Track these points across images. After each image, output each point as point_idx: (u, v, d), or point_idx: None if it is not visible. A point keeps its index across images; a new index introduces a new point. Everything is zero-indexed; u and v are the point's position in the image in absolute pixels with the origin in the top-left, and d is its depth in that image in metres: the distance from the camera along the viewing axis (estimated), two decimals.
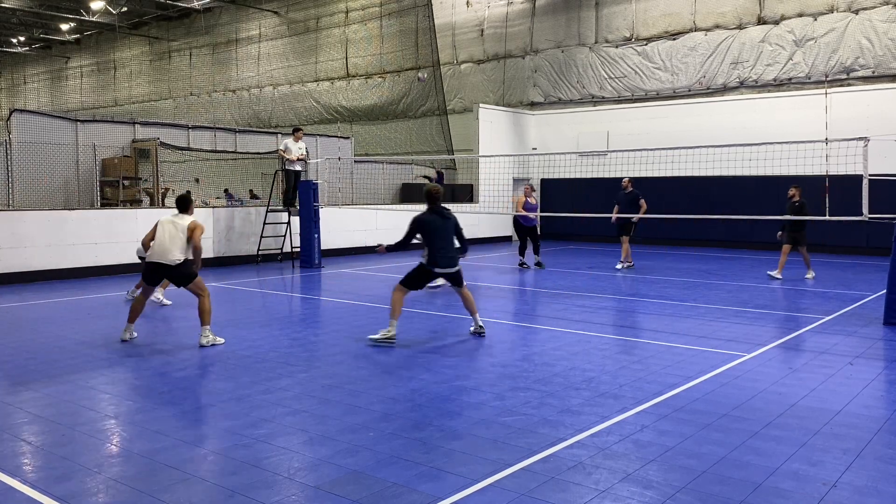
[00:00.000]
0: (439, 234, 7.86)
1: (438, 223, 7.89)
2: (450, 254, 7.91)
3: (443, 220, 7.90)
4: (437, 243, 7.85)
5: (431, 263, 7.86)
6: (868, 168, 9.71)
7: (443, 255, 7.85)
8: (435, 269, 7.90)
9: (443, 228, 7.88)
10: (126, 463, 4.53)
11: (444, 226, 7.90)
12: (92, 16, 35.34)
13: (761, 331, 8.85)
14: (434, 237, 7.86)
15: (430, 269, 7.90)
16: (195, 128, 18.65)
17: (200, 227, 8.02)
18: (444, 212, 7.95)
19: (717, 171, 16.92)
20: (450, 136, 24.22)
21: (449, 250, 7.90)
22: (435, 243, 7.84)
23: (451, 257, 7.92)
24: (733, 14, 20.42)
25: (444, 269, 7.92)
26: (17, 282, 12.91)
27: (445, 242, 7.88)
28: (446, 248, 7.88)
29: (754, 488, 4.09)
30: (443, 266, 7.89)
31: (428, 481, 4.18)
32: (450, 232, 7.94)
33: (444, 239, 7.88)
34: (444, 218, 7.91)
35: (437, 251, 7.84)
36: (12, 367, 6.96)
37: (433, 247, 7.84)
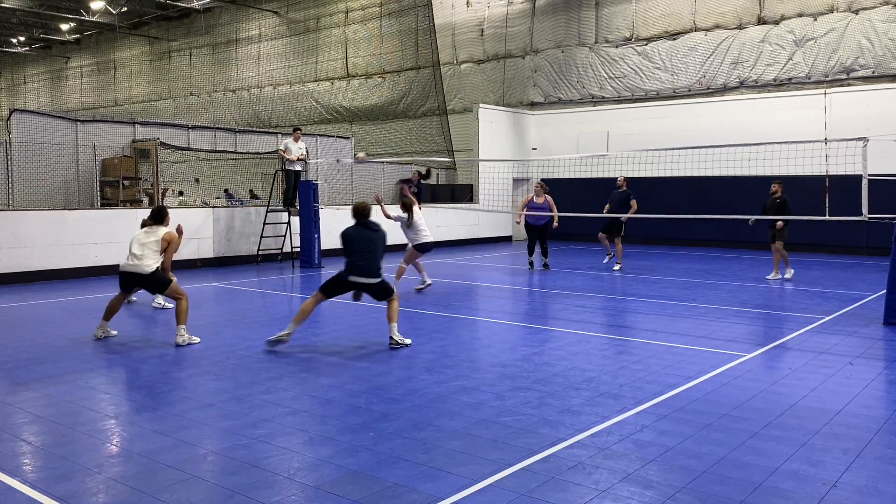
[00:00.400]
0: (362, 245, 7.84)
1: (363, 234, 7.90)
2: (369, 264, 7.82)
3: (368, 232, 7.92)
4: (357, 253, 7.83)
5: (346, 271, 7.82)
6: (868, 168, 9.72)
7: (360, 265, 7.79)
8: (349, 277, 7.81)
9: (367, 239, 7.87)
10: (126, 463, 4.53)
11: (369, 237, 7.89)
12: (92, 16, 35.34)
13: (761, 331, 8.85)
14: (355, 247, 7.85)
15: (346, 277, 7.81)
16: (195, 128, 18.66)
17: (176, 240, 8.13)
18: (371, 225, 7.98)
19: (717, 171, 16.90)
20: (450, 136, 24.22)
21: (369, 261, 7.82)
22: (355, 253, 7.83)
23: (369, 267, 7.82)
24: (733, 14, 20.42)
25: (359, 278, 7.79)
26: (17, 282, 12.91)
27: (366, 253, 7.82)
28: (367, 259, 7.81)
29: (754, 488, 4.09)
30: (356, 274, 7.78)
31: (428, 481, 4.18)
32: (375, 244, 7.89)
33: (366, 250, 7.82)
34: (372, 230, 7.93)
35: (356, 261, 7.81)
36: (12, 367, 6.96)
37: (353, 256, 7.83)
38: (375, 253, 7.86)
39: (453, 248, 20.67)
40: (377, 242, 7.88)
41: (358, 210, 8.07)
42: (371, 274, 7.83)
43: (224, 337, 8.32)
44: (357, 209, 8.07)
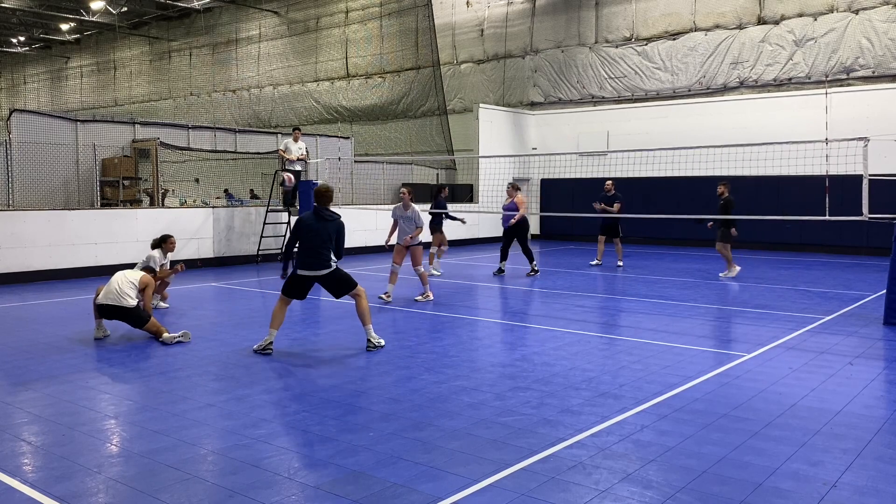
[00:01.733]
0: (305, 235, 7.43)
1: (310, 224, 7.44)
2: (315, 256, 7.40)
3: (319, 222, 7.44)
4: (301, 244, 7.46)
5: (295, 266, 7.53)
6: (868, 168, 9.72)
7: (305, 258, 7.43)
8: (298, 272, 7.49)
9: (311, 229, 7.42)
10: (126, 463, 4.53)
11: (315, 228, 7.42)
12: (92, 16, 35.35)
13: (761, 331, 8.85)
14: (301, 238, 7.48)
15: (295, 272, 7.51)
16: (195, 128, 18.65)
17: (151, 285, 8.41)
18: (325, 213, 7.49)
19: (717, 171, 16.92)
20: (450, 136, 24.23)
21: (316, 252, 7.40)
22: (300, 245, 7.48)
23: (314, 260, 7.41)
24: (733, 14, 20.42)
25: (305, 272, 7.45)
26: (17, 282, 12.91)
27: (312, 244, 7.39)
28: (312, 250, 7.40)
29: (754, 488, 4.09)
30: (303, 268, 7.46)
31: (428, 481, 4.18)
32: (321, 234, 7.41)
33: (310, 241, 7.40)
34: (324, 219, 7.46)
35: (300, 253, 7.47)
36: (12, 367, 6.96)
37: (299, 248, 7.50)
38: (322, 244, 7.41)
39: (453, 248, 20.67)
40: (324, 233, 7.41)
41: (318, 194, 7.61)
42: (316, 266, 7.44)
43: (224, 337, 8.31)
44: (317, 192, 7.62)
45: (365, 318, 7.63)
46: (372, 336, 7.64)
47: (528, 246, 14.09)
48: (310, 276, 7.48)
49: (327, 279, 7.56)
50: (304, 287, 7.60)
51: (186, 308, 10.46)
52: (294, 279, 7.57)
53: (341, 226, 7.54)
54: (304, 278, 7.51)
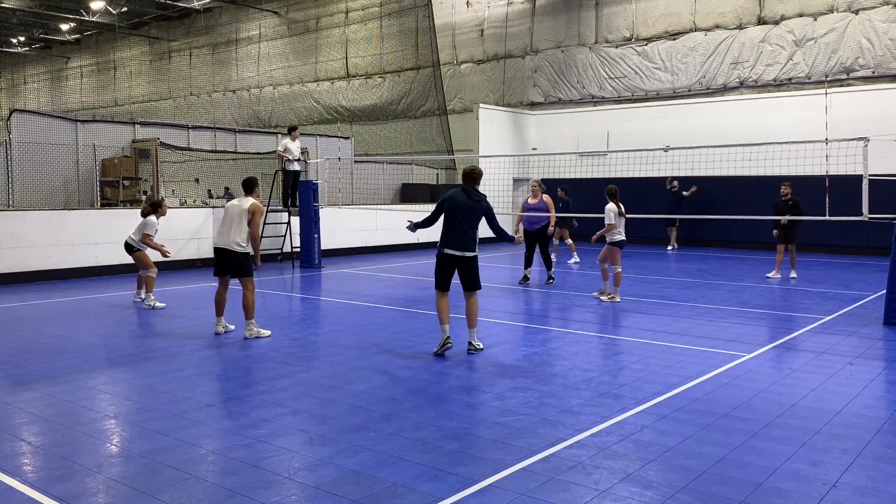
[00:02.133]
0: (457, 214, 7.38)
1: (461, 202, 7.40)
2: (463, 237, 7.37)
3: (468, 202, 7.41)
4: (450, 223, 7.41)
5: (441, 244, 7.45)
6: (868, 168, 9.72)
7: (453, 235, 7.37)
8: (444, 250, 7.41)
9: (464, 209, 7.38)
10: (126, 463, 4.53)
11: (468, 206, 7.40)
12: (92, 16, 35.34)
13: (761, 331, 8.85)
14: (449, 216, 7.44)
15: (440, 249, 7.45)
16: (195, 128, 18.65)
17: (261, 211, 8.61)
18: (472, 193, 7.48)
19: (717, 171, 16.92)
20: (450, 136, 24.22)
21: (463, 233, 7.37)
22: (448, 222, 7.43)
23: (463, 240, 7.36)
24: (733, 14, 20.42)
25: (453, 251, 7.37)
26: (17, 282, 12.90)
27: (460, 223, 7.36)
28: (461, 230, 7.37)
29: (754, 488, 4.09)
30: (451, 247, 7.38)
31: (428, 481, 4.18)
32: (471, 215, 7.41)
33: (459, 220, 7.37)
34: (472, 199, 7.43)
35: (449, 231, 7.41)
36: (12, 367, 6.96)
37: (446, 226, 7.45)
38: (470, 225, 7.44)
39: None
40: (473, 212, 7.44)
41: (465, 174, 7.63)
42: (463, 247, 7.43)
43: (224, 337, 8.31)
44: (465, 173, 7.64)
45: (473, 320, 7.52)
46: (474, 339, 7.51)
47: (549, 251, 13.20)
48: (453, 255, 7.38)
49: (467, 263, 7.44)
50: (448, 270, 7.46)
51: (186, 308, 10.45)
52: (441, 261, 7.46)
53: (489, 207, 7.60)
54: (447, 257, 7.41)
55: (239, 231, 8.22)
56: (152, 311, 10.15)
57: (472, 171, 7.62)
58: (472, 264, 7.44)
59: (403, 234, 20.02)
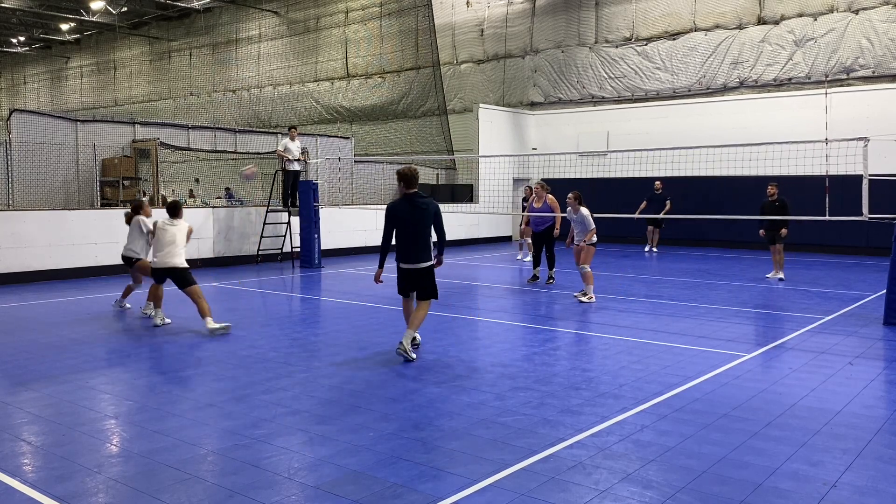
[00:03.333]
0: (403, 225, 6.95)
1: (403, 213, 6.92)
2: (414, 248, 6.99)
3: (410, 209, 6.91)
4: (398, 236, 7.01)
5: (396, 258, 7.08)
6: (868, 168, 9.72)
7: (404, 249, 7.02)
8: (400, 264, 7.08)
9: (408, 219, 6.93)
10: (126, 463, 4.53)
11: (411, 215, 6.92)
12: (92, 16, 35.34)
13: (761, 331, 8.85)
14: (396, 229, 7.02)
15: (397, 263, 7.09)
16: (195, 128, 18.65)
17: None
18: (414, 199, 6.92)
19: (717, 171, 16.92)
20: (450, 136, 24.21)
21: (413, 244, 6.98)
22: (397, 236, 7.02)
23: (414, 252, 6.99)
24: (733, 14, 20.42)
25: (407, 265, 7.05)
26: (17, 282, 12.90)
27: (408, 235, 6.95)
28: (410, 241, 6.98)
29: (754, 488, 4.09)
30: (405, 261, 7.05)
31: (428, 481, 4.18)
32: (417, 223, 6.95)
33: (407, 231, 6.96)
34: (413, 206, 6.91)
35: (399, 244, 7.05)
36: (12, 367, 6.96)
37: (397, 239, 7.05)
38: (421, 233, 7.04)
39: (453, 248, 20.67)
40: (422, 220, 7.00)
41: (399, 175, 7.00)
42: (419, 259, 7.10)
43: (224, 337, 8.31)
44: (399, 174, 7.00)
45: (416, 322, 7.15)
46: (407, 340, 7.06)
47: (554, 251, 13.21)
48: (409, 269, 7.07)
49: (422, 275, 7.11)
50: (408, 283, 7.17)
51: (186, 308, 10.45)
52: (400, 275, 7.20)
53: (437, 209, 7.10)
54: (406, 272, 7.13)
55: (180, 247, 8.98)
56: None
57: (405, 173, 6.98)
58: (427, 275, 7.12)
59: None
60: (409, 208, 6.95)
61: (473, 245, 21.89)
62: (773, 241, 13.20)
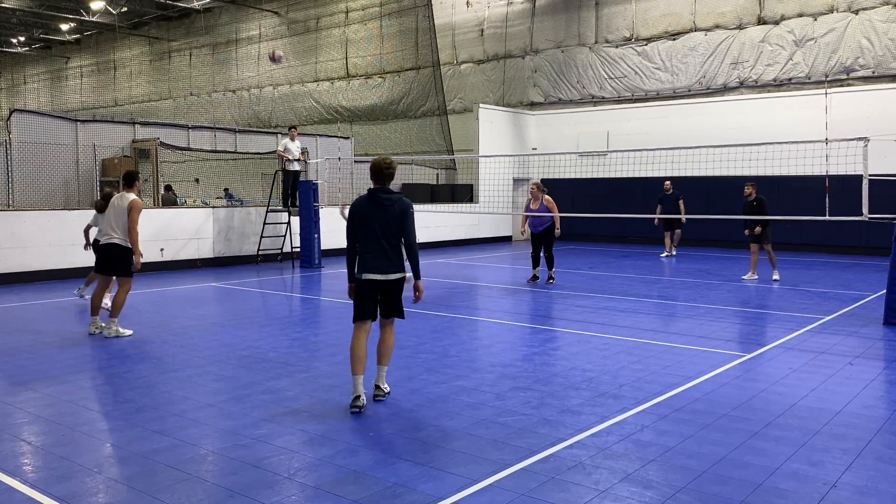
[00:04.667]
0: (366, 226, 5.63)
1: (367, 210, 5.63)
2: (380, 254, 5.63)
3: (375, 207, 5.62)
4: (362, 239, 5.67)
5: (358, 267, 5.68)
6: (868, 168, 9.72)
7: (369, 255, 5.64)
8: (363, 275, 5.64)
9: (372, 218, 5.61)
10: (126, 463, 4.53)
11: (376, 214, 5.61)
12: (92, 16, 35.34)
13: (761, 331, 8.85)
14: (360, 230, 5.68)
15: (359, 274, 5.66)
16: (195, 128, 18.65)
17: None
18: (378, 195, 5.65)
19: (717, 171, 16.92)
20: (450, 136, 24.22)
21: (379, 250, 5.62)
22: (361, 239, 5.68)
23: (380, 259, 5.63)
24: (733, 14, 20.43)
25: (372, 275, 5.63)
26: (17, 282, 12.91)
27: (372, 238, 5.61)
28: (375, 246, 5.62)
29: (754, 488, 4.09)
30: (369, 270, 5.63)
31: (428, 481, 4.18)
32: (383, 224, 5.60)
33: (370, 233, 5.61)
34: (378, 204, 5.62)
35: (363, 249, 5.67)
36: (12, 367, 6.96)
37: (360, 243, 5.69)
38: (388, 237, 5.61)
39: (453, 248, 20.67)
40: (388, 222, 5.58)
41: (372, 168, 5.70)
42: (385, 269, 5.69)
43: (224, 337, 8.31)
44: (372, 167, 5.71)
45: (385, 357, 5.90)
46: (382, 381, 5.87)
47: (553, 252, 13.18)
48: (374, 279, 5.65)
49: (391, 287, 5.77)
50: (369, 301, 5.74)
51: (186, 308, 10.46)
52: (359, 289, 5.73)
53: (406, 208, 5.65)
54: (367, 283, 5.68)
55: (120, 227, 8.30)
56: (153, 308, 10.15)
57: (378, 165, 5.66)
58: (396, 288, 5.76)
59: None
60: (371, 206, 5.62)
61: (473, 245, 21.89)
62: (758, 241, 13.14)
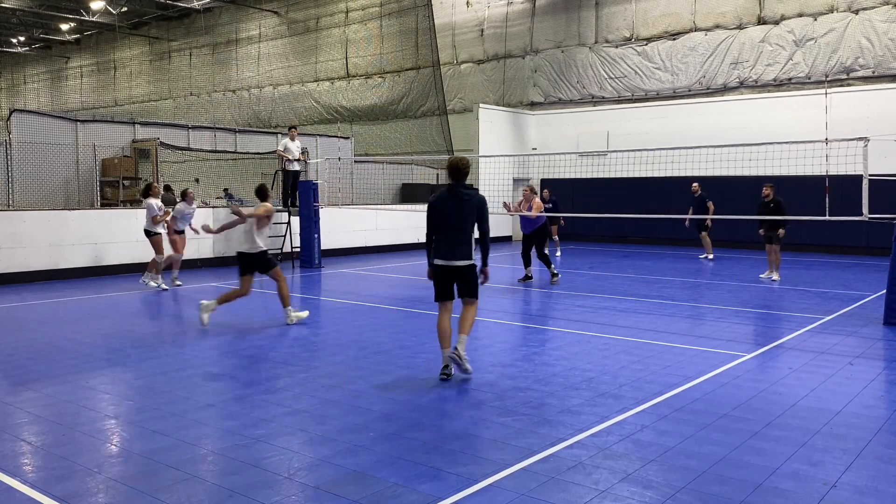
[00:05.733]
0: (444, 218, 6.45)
1: (446, 204, 6.43)
2: (453, 244, 6.43)
3: (453, 201, 6.42)
4: (438, 230, 6.49)
5: (433, 254, 6.54)
6: (868, 168, 9.72)
7: (442, 244, 6.46)
8: (435, 261, 6.51)
9: (450, 211, 6.41)
10: (126, 463, 4.53)
11: (454, 207, 6.41)
12: (92, 16, 35.34)
13: (761, 331, 8.85)
14: (437, 222, 6.50)
15: (432, 260, 6.56)
16: (195, 128, 18.65)
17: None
18: (457, 190, 6.44)
19: (717, 171, 16.92)
20: (450, 136, 24.22)
21: (453, 240, 6.43)
22: (437, 229, 6.50)
23: (452, 248, 6.42)
24: (733, 14, 20.42)
25: (443, 261, 6.46)
26: (17, 282, 12.90)
27: (447, 228, 6.44)
28: (450, 236, 6.44)
29: (754, 488, 4.09)
30: (441, 257, 6.47)
31: (428, 481, 4.18)
32: (458, 216, 6.40)
33: (446, 224, 6.44)
34: (457, 198, 6.42)
35: (438, 239, 6.50)
36: (12, 367, 6.96)
37: (436, 234, 6.52)
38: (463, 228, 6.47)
39: None
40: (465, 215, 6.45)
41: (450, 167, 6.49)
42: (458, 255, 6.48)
43: (224, 337, 8.31)
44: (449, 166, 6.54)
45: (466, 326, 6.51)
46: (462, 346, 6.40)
47: (545, 251, 13.35)
48: (447, 265, 6.46)
49: (465, 273, 6.51)
50: (447, 283, 6.54)
51: (186, 308, 10.46)
52: (436, 274, 6.56)
53: (482, 203, 6.51)
54: (441, 268, 6.50)
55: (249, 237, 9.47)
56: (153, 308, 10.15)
57: (456, 164, 6.51)
58: (467, 274, 6.52)
59: (403, 234, 20.03)
60: (451, 200, 6.42)
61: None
62: (770, 240, 13.16)
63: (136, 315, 9.90)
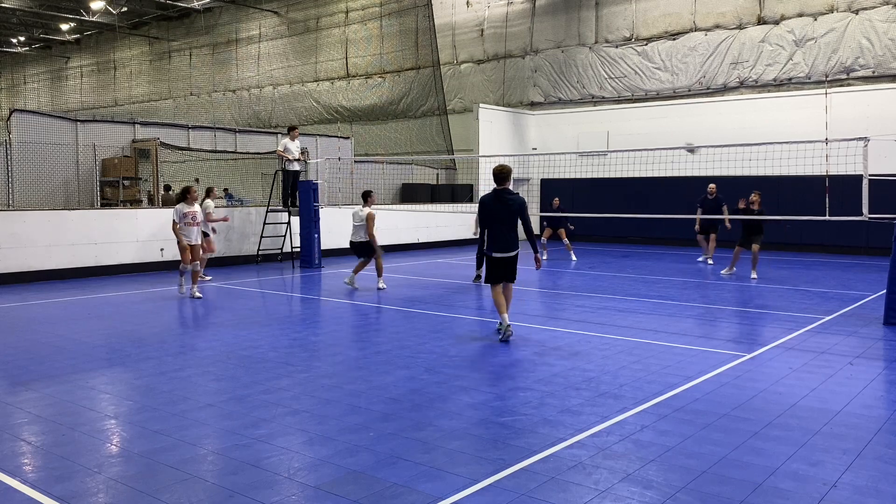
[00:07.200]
0: (493, 220, 8.09)
1: (492, 207, 8.05)
2: (504, 240, 8.06)
3: (497, 204, 8.03)
4: (489, 228, 8.11)
5: (488, 248, 8.18)
6: (868, 168, 9.72)
7: (495, 240, 8.09)
8: (493, 254, 8.13)
9: (497, 213, 8.04)
10: (126, 463, 4.53)
11: (499, 209, 8.03)
12: (92, 16, 35.35)
13: (761, 331, 8.85)
14: (487, 222, 8.15)
15: (489, 253, 8.17)
16: (195, 128, 18.65)
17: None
18: (502, 194, 8.04)
19: (717, 171, 16.92)
20: (450, 136, 24.22)
21: (503, 236, 8.06)
22: (489, 228, 8.13)
23: (504, 242, 8.06)
24: (733, 14, 20.43)
25: (500, 254, 8.09)
26: (17, 282, 12.90)
27: (497, 227, 8.06)
28: (500, 233, 8.06)
29: (754, 488, 4.09)
30: (497, 251, 8.10)
31: (428, 481, 4.18)
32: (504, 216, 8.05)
33: (496, 224, 8.06)
34: (501, 202, 8.02)
35: (491, 236, 8.12)
36: (12, 367, 6.96)
37: (488, 231, 8.15)
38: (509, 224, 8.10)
39: (453, 248, 20.67)
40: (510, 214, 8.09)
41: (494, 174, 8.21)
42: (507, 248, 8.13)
43: (224, 337, 8.32)
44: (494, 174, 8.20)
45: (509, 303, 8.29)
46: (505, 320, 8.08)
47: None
48: (501, 257, 8.11)
49: (512, 261, 8.18)
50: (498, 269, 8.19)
51: (186, 308, 10.46)
52: (489, 262, 8.23)
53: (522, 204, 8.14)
54: (496, 260, 8.16)
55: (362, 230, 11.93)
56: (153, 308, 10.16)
57: (500, 171, 8.11)
58: (513, 263, 8.20)
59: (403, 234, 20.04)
60: (496, 202, 8.05)
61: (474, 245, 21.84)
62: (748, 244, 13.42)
63: (136, 315, 9.90)
